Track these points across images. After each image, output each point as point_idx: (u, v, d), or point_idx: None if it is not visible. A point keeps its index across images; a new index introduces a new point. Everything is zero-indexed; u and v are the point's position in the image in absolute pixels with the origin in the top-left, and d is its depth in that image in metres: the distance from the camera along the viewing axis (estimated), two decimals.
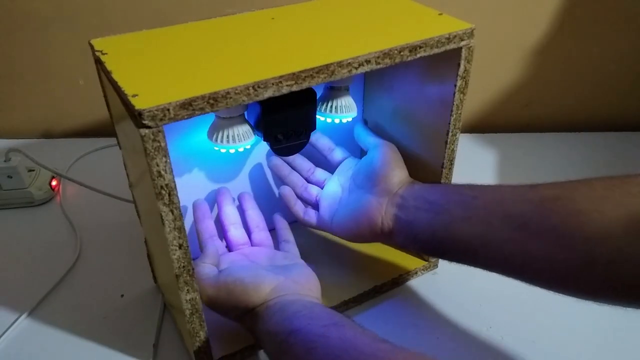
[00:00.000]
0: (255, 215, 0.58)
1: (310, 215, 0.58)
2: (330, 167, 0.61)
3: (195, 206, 0.55)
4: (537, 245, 0.40)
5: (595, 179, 0.40)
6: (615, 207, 0.37)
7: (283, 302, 0.45)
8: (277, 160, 0.61)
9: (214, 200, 0.59)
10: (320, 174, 0.61)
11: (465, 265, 0.47)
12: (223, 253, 0.54)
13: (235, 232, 0.56)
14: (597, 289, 0.39)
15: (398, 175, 0.53)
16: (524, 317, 0.56)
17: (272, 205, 0.66)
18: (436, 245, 0.48)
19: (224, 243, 0.56)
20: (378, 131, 0.64)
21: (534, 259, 0.41)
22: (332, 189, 0.58)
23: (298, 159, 0.61)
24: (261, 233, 0.56)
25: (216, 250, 0.52)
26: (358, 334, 0.39)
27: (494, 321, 0.56)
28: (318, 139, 0.61)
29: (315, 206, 0.59)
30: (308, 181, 0.61)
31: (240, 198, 0.59)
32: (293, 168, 0.61)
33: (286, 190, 0.60)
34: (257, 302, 0.46)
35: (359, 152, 0.69)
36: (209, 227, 0.54)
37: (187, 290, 0.44)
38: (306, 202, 0.60)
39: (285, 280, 0.47)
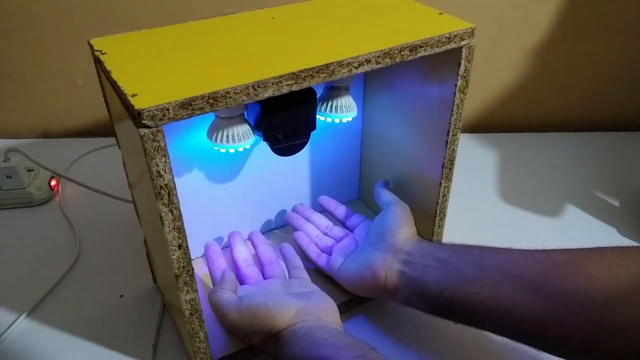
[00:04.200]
0: (266, 250, 0.59)
1: (322, 259, 0.59)
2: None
3: (206, 246, 0.58)
4: (549, 309, 0.40)
5: (606, 247, 0.40)
6: (628, 274, 0.37)
7: (309, 327, 0.45)
8: (293, 214, 0.63)
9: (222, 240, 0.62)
10: (337, 230, 0.62)
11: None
12: (238, 286, 0.54)
13: (248, 269, 0.56)
14: (608, 356, 0.39)
15: (404, 232, 0.53)
16: None
17: (271, 205, 0.66)
18: (444, 304, 0.47)
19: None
20: (378, 131, 0.64)
21: (545, 323, 0.41)
22: (348, 243, 0.59)
23: (315, 216, 0.63)
24: (273, 266, 0.57)
25: (234, 277, 0.51)
26: None
27: None
28: (336, 207, 0.63)
29: (329, 254, 0.60)
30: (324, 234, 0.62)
31: (250, 236, 0.61)
32: (311, 222, 0.63)
33: (299, 235, 0.61)
34: (281, 326, 0.46)
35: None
36: (221, 264, 0.56)
37: (187, 290, 0.43)
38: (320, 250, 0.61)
39: (307, 306, 0.48)
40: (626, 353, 0.38)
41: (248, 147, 0.50)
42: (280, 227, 0.68)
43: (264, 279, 0.56)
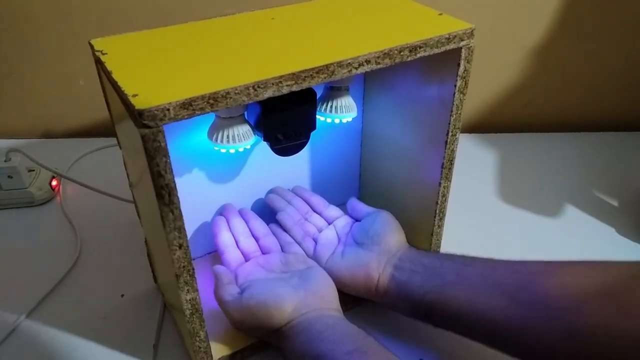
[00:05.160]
0: (258, 224, 0.60)
1: (308, 245, 0.58)
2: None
3: (213, 222, 0.58)
4: (522, 314, 0.42)
5: (579, 261, 0.43)
6: (595, 284, 0.40)
7: (307, 320, 0.46)
8: (274, 196, 0.63)
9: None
10: (316, 219, 0.62)
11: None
12: (240, 264, 0.55)
13: (245, 241, 0.57)
14: None
15: (398, 238, 0.55)
16: None
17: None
18: (425, 307, 0.49)
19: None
20: (378, 131, 0.64)
21: (518, 327, 0.43)
22: (330, 235, 0.59)
23: (296, 200, 0.63)
24: (267, 239, 0.58)
25: (227, 271, 0.53)
26: None
27: None
28: (311, 196, 0.63)
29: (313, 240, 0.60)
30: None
31: (241, 212, 0.61)
32: (292, 206, 0.63)
33: (283, 215, 0.61)
34: (281, 323, 0.47)
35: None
36: (225, 239, 0.57)
37: (187, 290, 0.44)
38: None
39: (305, 297, 0.48)
40: (595, 358, 0.39)
41: (248, 147, 0.50)
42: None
43: (261, 252, 0.57)
